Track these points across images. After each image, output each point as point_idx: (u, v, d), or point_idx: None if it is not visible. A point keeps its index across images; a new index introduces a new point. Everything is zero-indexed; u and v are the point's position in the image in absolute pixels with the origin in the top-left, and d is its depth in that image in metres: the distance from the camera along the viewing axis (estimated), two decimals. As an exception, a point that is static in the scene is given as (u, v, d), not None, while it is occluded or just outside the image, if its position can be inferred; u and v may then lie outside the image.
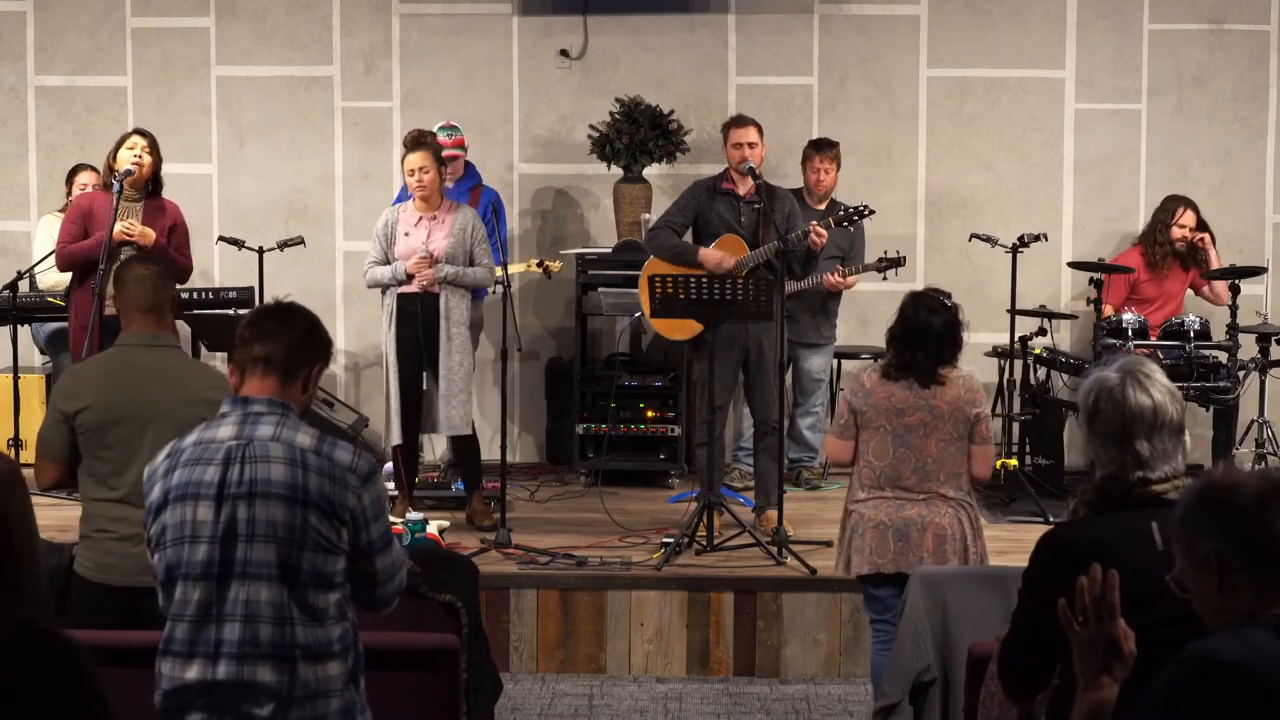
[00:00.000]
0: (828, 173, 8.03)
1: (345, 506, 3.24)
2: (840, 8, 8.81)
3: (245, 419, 3.29)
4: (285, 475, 3.22)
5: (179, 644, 3.23)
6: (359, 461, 3.29)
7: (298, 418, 3.33)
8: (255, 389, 3.33)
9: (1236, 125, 8.78)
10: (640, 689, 6.18)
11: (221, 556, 3.20)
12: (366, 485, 3.28)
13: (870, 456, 5.18)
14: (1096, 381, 3.23)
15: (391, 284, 6.96)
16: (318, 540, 3.21)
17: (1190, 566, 2.56)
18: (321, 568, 3.23)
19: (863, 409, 5.18)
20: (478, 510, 7.18)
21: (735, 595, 6.33)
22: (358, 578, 3.32)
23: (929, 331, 5.15)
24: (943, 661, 4.64)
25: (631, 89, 8.50)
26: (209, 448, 3.28)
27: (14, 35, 8.95)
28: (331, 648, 3.24)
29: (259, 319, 3.40)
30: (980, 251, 8.33)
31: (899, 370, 5.17)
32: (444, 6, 8.88)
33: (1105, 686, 2.64)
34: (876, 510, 5.16)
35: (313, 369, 3.39)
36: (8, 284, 7.47)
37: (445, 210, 6.99)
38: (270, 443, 3.25)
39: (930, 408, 5.12)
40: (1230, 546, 2.50)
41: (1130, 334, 7.46)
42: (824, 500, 7.92)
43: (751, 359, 7.06)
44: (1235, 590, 2.49)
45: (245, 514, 3.21)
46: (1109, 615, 2.65)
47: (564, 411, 8.57)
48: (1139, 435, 3.14)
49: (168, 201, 6.99)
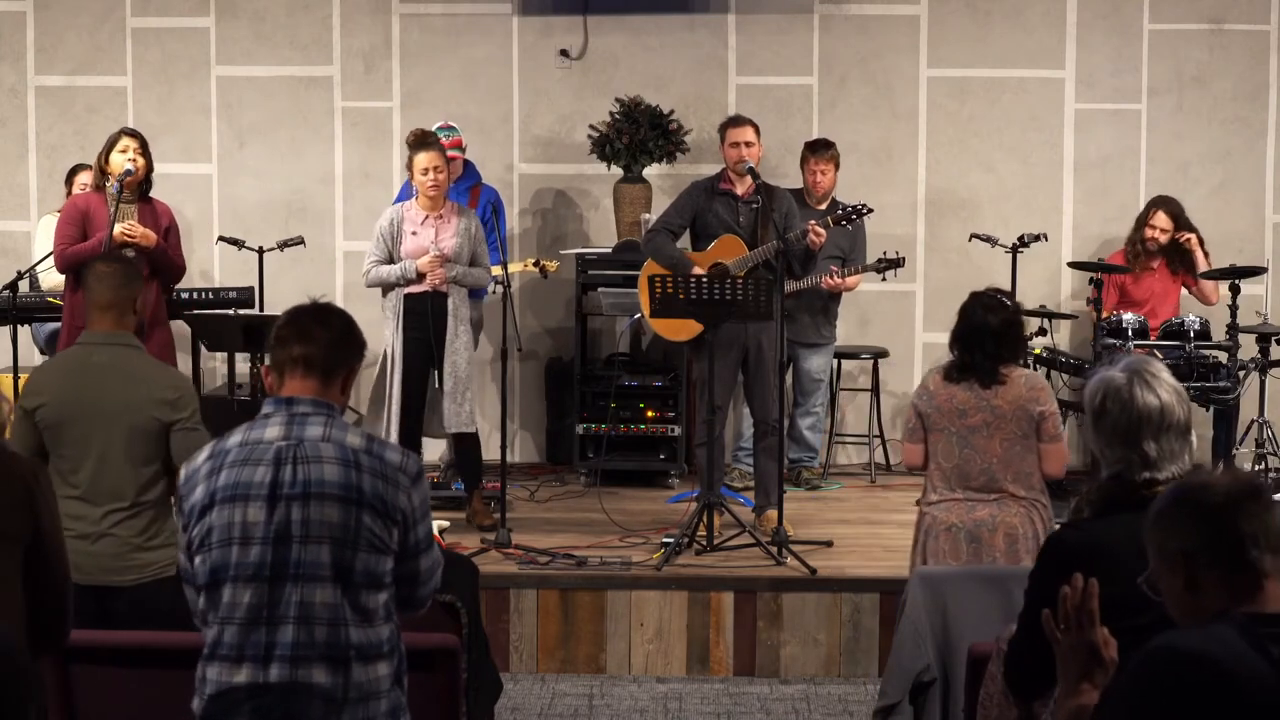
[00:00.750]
0: (825, 174, 8.02)
1: (397, 506, 3.24)
2: (840, 8, 8.81)
3: (292, 419, 3.28)
4: (339, 476, 3.21)
5: (227, 647, 3.19)
6: (408, 461, 3.30)
7: (343, 418, 3.33)
8: (297, 389, 3.31)
9: (1236, 125, 8.78)
10: (640, 689, 6.18)
11: (274, 558, 3.18)
12: (416, 485, 3.29)
13: (939, 458, 5.20)
14: (1103, 381, 3.22)
15: (399, 283, 6.95)
16: (371, 540, 3.21)
17: (1161, 566, 2.57)
18: (374, 568, 3.23)
19: (927, 411, 5.20)
20: (478, 510, 7.18)
21: (735, 595, 6.33)
22: (402, 577, 3.32)
23: (987, 331, 5.14)
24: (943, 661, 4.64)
25: (631, 89, 8.50)
26: (256, 448, 3.25)
27: (14, 35, 8.94)
28: (382, 648, 3.24)
29: (296, 319, 3.39)
30: (980, 251, 8.33)
31: (960, 371, 5.17)
32: (444, 6, 8.87)
33: (1085, 693, 2.66)
34: (948, 512, 5.17)
35: (351, 369, 3.39)
36: (8, 284, 7.47)
37: (450, 210, 7.00)
38: (321, 443, 3.24)
39: (992, 408, 5.12)
40: (1199, 546, 2.51)
41: (1130, 334, 7.46)
42: (824, 500, 7.93)
43: (751, 359, 7.06)
44: (1203, 589, 2.51)
45: (300, 515, 3.19)
46: (1089, 622, 2.67)
47: (564, 411, 8.57)
48: (1146, 436, 3.14)
49: (161, 203, 6.99)
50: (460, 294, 6.97)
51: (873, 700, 5.32)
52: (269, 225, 8.71)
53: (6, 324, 7.68)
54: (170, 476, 4.61)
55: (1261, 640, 2.44)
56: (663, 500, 7.81)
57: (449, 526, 6.67)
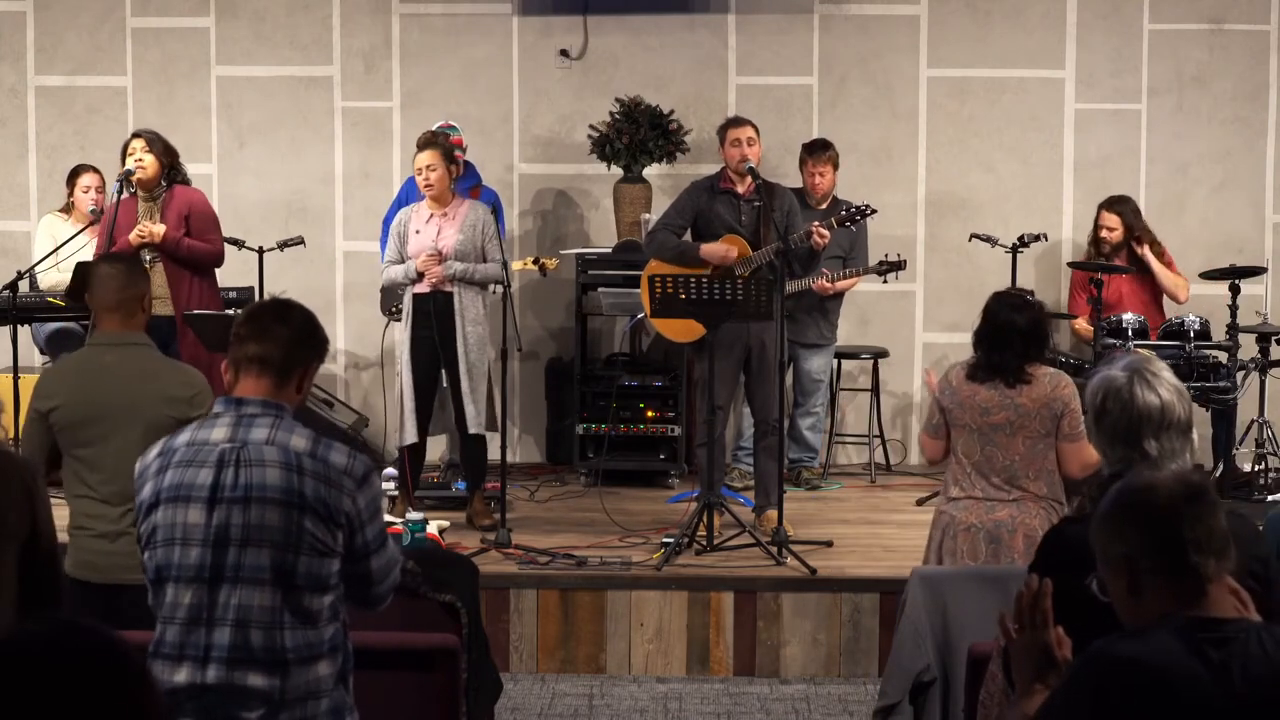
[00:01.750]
0: (824, 176, 8.01)
1: (341, 510, 3.22)
2: (840, 8, 8.81)
3: (239, 421, 3.27)
4: (280, 480, 3.20)
5: (169, 646, 3.22)
6: (354, 464, 3.27)
7: (292, 419, 3.31)
8: (249, 389, 3.30)
9: (1236, 125, 8.78)
10: (640, 689, 6.18)
11: (213, 560, 3.18)
12: (362, 487, 3.26)
13: (960, 454, 5.17)
14: (1104, 380, 3.22)
15: (405, 283, 6.97)
16: (313, 544, 3.20)
17: (1105, 568, 2.57)
18: (316, 571, 3.21)
19: (949, 407, 5.16)
20: (478, 510, 7.17)
21: (735, 595, 6.33)
22: (353, 578, 3.31)
23: (1014, 329, 5.10)
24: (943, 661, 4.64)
25: (631, 89, 8.50)
26: (202, 449, 3.26)
27: (14, 35, 8.95)
28: (322, 648, 3.23)
29: (255, 317, 3.37)
30: (980, 251, 8.33)
31: (985, 371, 5.13)
32: (444, 6, 8.88)
33: (1038, 694, 2.65)
34: (967, 512, 5.14)
35: (308, 368, 3.37)
36: (8, 284, 7.47)
37: (457, 207, 7.00)
38: (265, 446, 3.23)
39: (1015, 406, 5.09)
40: (1140, 550, 2.50)
41: (1130, 334, 7.46)
42: (824, 500, 7.93)
43: (753, 358, 7.05)
44: (1145, 593, 2.51)
45: (240, 519, 3.19)
46: (1042, 623, 2.67)
47: (564, 411, 8.57)
48: (1147, 435, 3.14)
49: (180, 190, 6.98)
50: (469, 292, 6.95)
51: (873, 700, 5.31)
52: (269, 225, 8.71)
53: (6, 324, 7.69)
54: None
55: (1200, 644, 2.44)
56: (663, 500, 7.81)
57: (449, 526, 6.67)
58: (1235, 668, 2.43)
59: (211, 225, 7.06)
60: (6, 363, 7.81)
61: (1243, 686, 2.42)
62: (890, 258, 7.66)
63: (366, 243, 8.53)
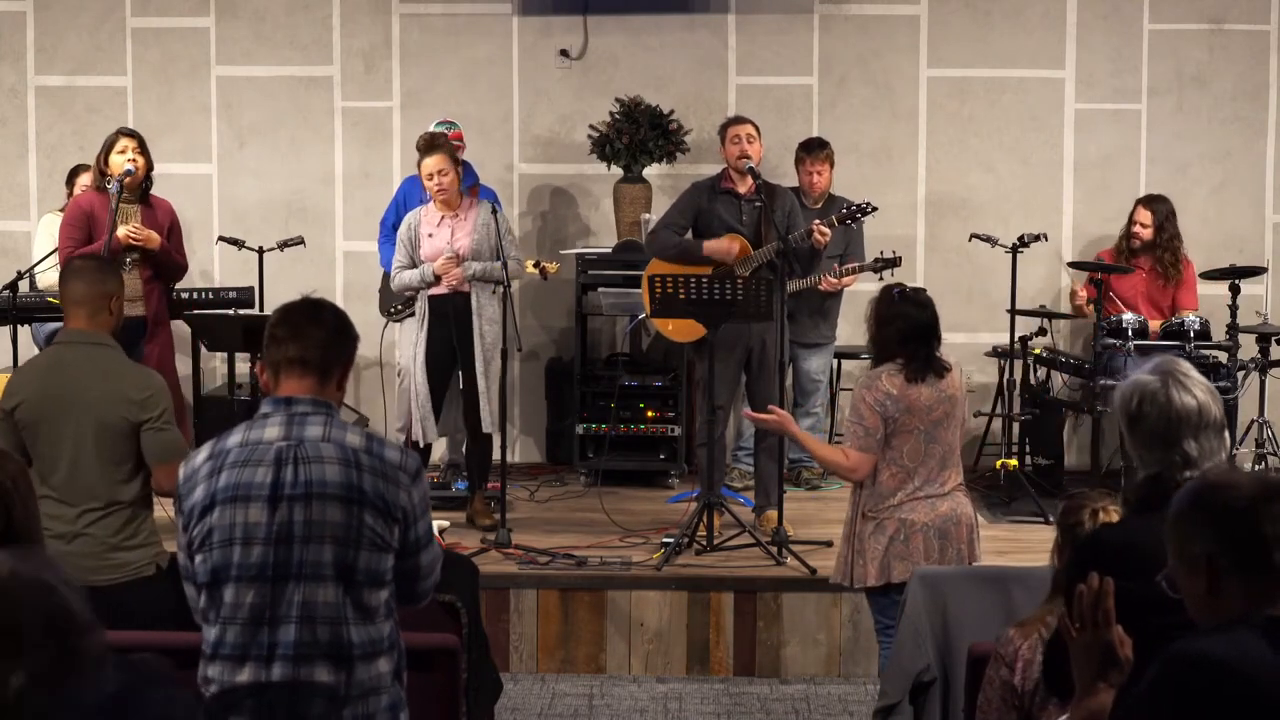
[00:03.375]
0: (820, 174, 8.01)
1: (398, 504, 3.26)
2: (840, 8, 8.81)
3: (291, 419, 3.29)
4: (340, 475, 3.23)
5: (230, 647, 3.21)
6: (408, 459, 3.32)
7: (339, 416, 3.34)
8: (294, 389, 3.32)
9: (1236, 125, 8.78)
10: (640, 689, 6.18)
11: (276, 558, 3.20)
12: (416, 482, 3.31)
13: (905, 460, 5.12)
14: (1136, 385, 3.23)
15: (421, 287, 6.95)
16: (373, 539, 3.23)
17: (1181, 567, 2.56)
18: (375, 566, 3.25)
19: (895, 415, 5.10)
20: (478, 510, 7.17)
21: (735, 595, 6.33)
22: (403, 573, 3.34)
23: (931, 325, 5.18)
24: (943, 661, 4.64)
25: (631, 89, 8.50)
26: (257, 449, 3.27)
27: (14, 35, 8.95)
28: (382, 645, 3.27)
29: (290, 318, 3.38)
30: (980, 251, 8.33)
31: (920, 370, 5.14)
32: (444, 6, 8.88)
33: (1100, 692, 2.65)
34: (915, 513, 5.12)
35: (346, 365, 3.40)
36: (8, 284, 7.47)
37: (466, 208, 7.00)
38: (322, 443, 3.26)
39: (949, 398, 5.14)
40: (1221, 548, 2.50)
41: (1130, 334, 7.46)
42: (824, 500, 7.92)
43: (754, 358, 7.05)
44: (1224, 592, 2.50)
45: (302, 515, 3.21)
46: (1104, 621, 2.66)
47: (564, 411, 8.57)
48: (1186, 435, 3.15)
49: (162, 201, 6.99)
50: (485, 292, 6.95)
51: (873, 700, 5.31)
52: (269, 225, 8.72)
53: (6, 324, 7.68)
54: (146, 476, 4.60)
55: None
56: (663, 500, 7.81)
57: (449, 526, 6.67)
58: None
59: (182, 239, 7.10)
60: (6, 363, 7.81)
61: None
62: (886, 254, 7.66)
63: (366, 243, 8.52)
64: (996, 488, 7.62)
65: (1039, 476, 7.72)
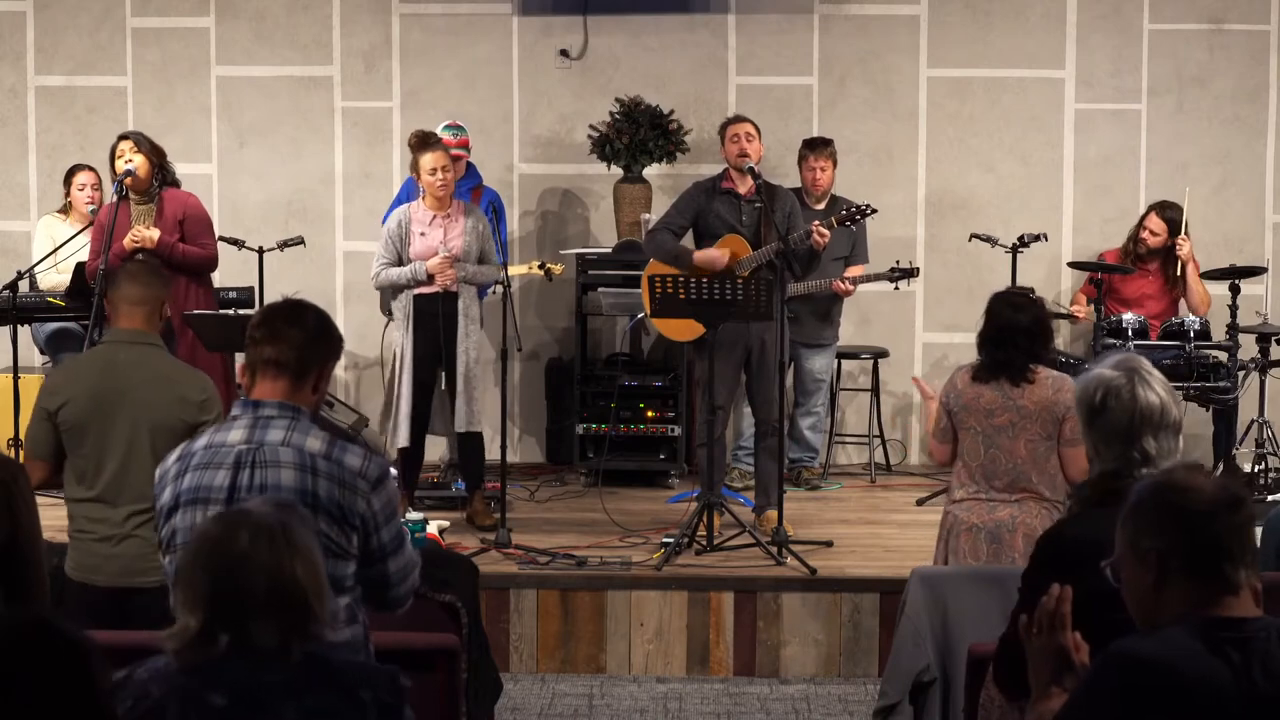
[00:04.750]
0: (824, 171, 8.01)
1: (355, 512, 3.24)
2: (840, 8, 8.81)
3: (256, 423, 3.29)
4: (295, 481, 3.22)
5: None
6: (369, 466, 3.28)
7: (309, 420, 3.32)
8: (266, 391, 3.32)
9: (1236, 125, 8.78)
10: (640, 689, 6.18)
11: None
12: (376, 490, 3.27)
13: (965, 456, 5.18)
14: (1100, 380, 3.22)
15: (409, 285, 6.94)
16: (327, 546, 3.19)
17: (1130, 559, 2.57)
18: (331, 572, 3.20)
19: (955, 409, 5.16)
20: (478, 510, 7.17)
21: (735, 595, 6.33)
22: (371, 581, 3.32)
23: (1017, 328, 5.11)
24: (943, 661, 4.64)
25: (631, 89, 8.50)
26: (219, 452, 3.27)
27: (14, 35, 8.95)
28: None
29: (269, 319, 3.38)
30: (980, 251, 8.33)
31: (990, 371, 5.13)
32: (444, 6, 8.87)
33: (1055, 696, 2.67)
34: (970, 513, 5.15)
35: (324, 368, 3.38)
36: (8, 284, 7.47)
37: (457, 210, 7.00)
38: (280, 448, 3.25)
39: (1018, 408, 5.09)
40: (1173, 547, 2.51)
41: (1130, 334, 7.46)
42: (824, 500, 7.93)
43: (754, 358, 7.05)
44: (1169, 590, 2.51)
45: None
46: (1060, 625, 2.68)
47: (564, 411, 8.57)
48: (1146, 433, 3.15)
49: (174, 194, 6.97)
50: (470, 293, 6.97)
51: (873, 700, 5.32)
52: (269, 225, 8.71)
53: (6, 324, 7.69)
54: None
55: (1221, 644, 2.44)
56: (663, 500, 7.81)
57: (449, 526, 6.66)
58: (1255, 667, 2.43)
59: (206, 229, 7.05)
60: (6, 363, 7.81)
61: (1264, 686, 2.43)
62: (903, 264, 7.68)
63: (366, 243, 8.51)
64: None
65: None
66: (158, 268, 4.98)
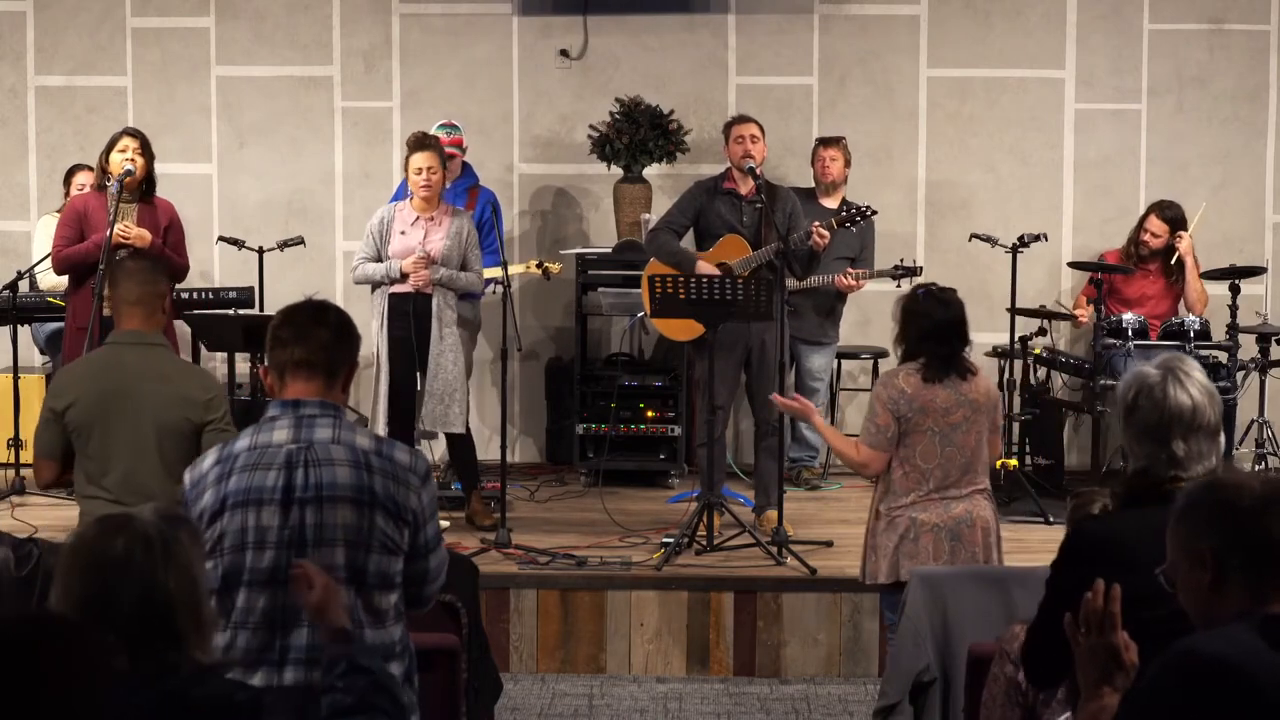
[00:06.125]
0: (834, 160, 8.06)
1: (408, 507, 3.26)
2: (840, 8, 8.81)
3: (299, 422, 3.27)
4: (351, 478, 3.22)
5: (241, 652, 3.19)
6: (417, 461, 3.32)
7: (346, 418, 3.33)
8: (301, 391, 3.30)
9: (1236, 125, 8.78)
10: (640, 689, 6.18)
11: (289, 562, 3.16)
12: (425, 484, 3.31)
13: (917, 460, 5.12)
14: (1137, 377, 3.22)
15: (383, 282, 6.92)
16: (383, 541, 3.22)
17: (1184, 561, 2.57)
18: (385, 569, 3.24)
19: (909, 414, 5.09)
20: (478, 510, 7.17)
21: (735, 595, 6.33)
22: (412, 576, 3.33)
23: (954, 323, 5.13)
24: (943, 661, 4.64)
25: (631, 89, 8.50)
26: (266, 452, 3.25)
27: (14, 35, 8.95)
28: (394, 648, 3.26)
29: (294, 320, 3.36)
30: (980, 251, 8.33)
31: (939, 370, 5.11)
32: (444, 6, 8.87)
33: (1105, 696, 2.66)
34: (926, 513, 5.12)
35: (351, 366, 3.39)
36: (8, 284, 7.48)
37: (443, 212, 6.98)
38: (332, 445, 3.25)
39: (970, 402, 5.11)
40: (1228, 544, 2.52)
41: (1130, 334, 7.46)
42: (824, 500, 7.93)
43: (754, 358, 7.06)
44: (1227, 589, 2.52)
45: (314, 518, 3.20)
46: (1110, 626, 2.67)
47: (564, 411, 8.57)
48: (1175, 435, 3.13)
49: (162, 201, 6.98)
50: (446, 296, 6.91)
51: (873, 700, 5.32)
52: (269, 225, 8.72)
53: (6, 324, 7.70)
54: None
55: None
56: (663, 500, 7.81)
57: (449, 526, 6.67)
58: None
59: (183, 239, 7.07)
60: (6, 363, 7.82)
61: None
62: (906, 263, 7.69)
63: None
64: (996, 488, 7.57)
65: (1039, 476, 7.71)
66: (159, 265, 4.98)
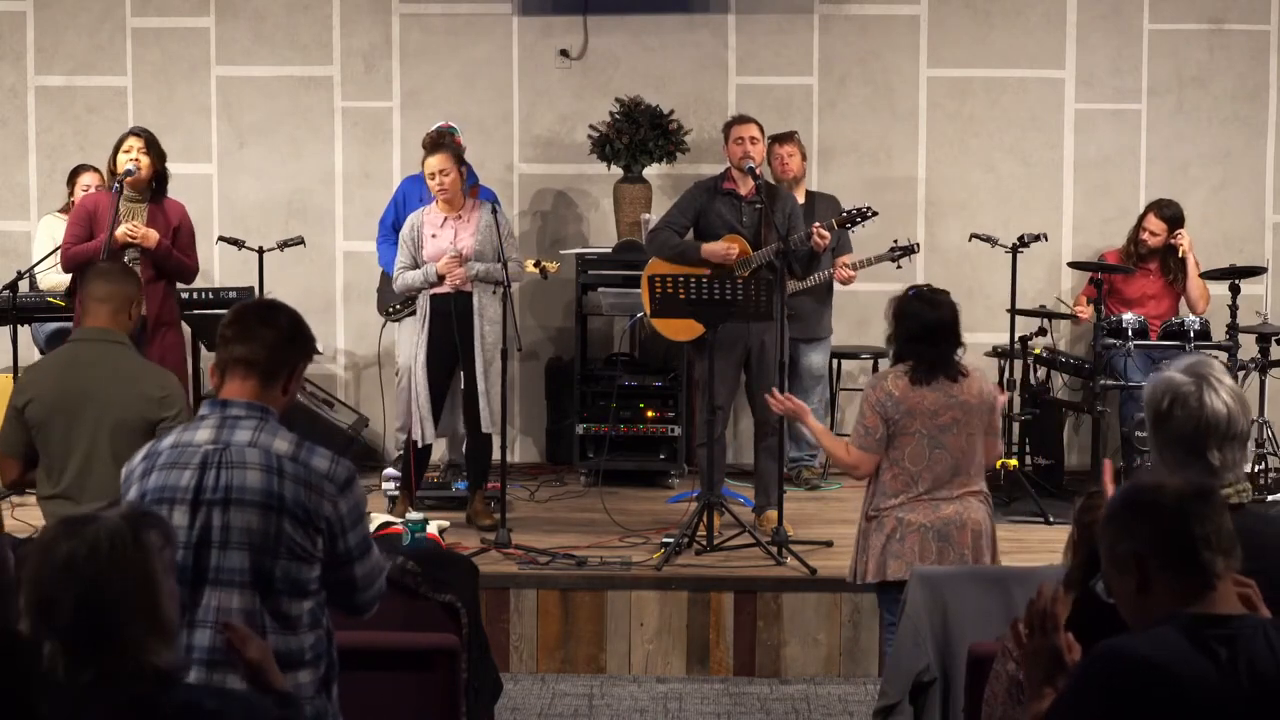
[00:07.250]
0: (791, 155, 8.04)
1: (320, 514, 3.22)
2: (840, 8, 8.81)
3: (223, 423, 3.27)
4: (260, 482, 3.20)
5: None
6: (336, 469, 3.26)
7: (277, 421, 3.30)
8: (235, 391, 3.31)
9: (1236, 125, 8.78)
10: (640, 689, 6.18)
11: (195, 562, 3.17)
12: (344, 493, 3.25)
13: (906, 462, 5.11)
14: (1168, 384, 3.15)
15: (424, 287, 6.94)
16: (292, 548, 3.19)
17: (1113, 568, 2.59)
18: (295, 575, 3.21)
19: (896, 416, 5.08)
20: (478, 510, 7.17)
21: (735, 595, 6.33)
22: (336, 585, 3.30)
23: (944, 325, 5.11)
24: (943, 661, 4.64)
25: (631, 89, 8.50)
26: (185, 451, 3.26)
27: (14, 35, 8.95)
28: (303, 656, 3.22)
29: (240, 318, 3.36)
30: (980, 251, 8.33)
31: (928, 372, 5.10)
32: (444, 6, 8.88)
33: (1048, 697, 2.68)
34: (913, 513, 5.10)
35: (295, 369, 3.36)
36: (8, 284, 7.47)
37: (469, 209, 6.99)
38: (247, 448, 3.23)
39: (961, 404, 5.09)
40: (1150, 547, 2.53)
41: (1130, 334, 7.46)
42: (824, 500, 7.93)
43: (754, 358, 7.06)
44: (1154, 591, 2.53)
45: (220, 520, 3.18)
46: (1052, 627, 2.69)
47: (564, 411, 8.57)
48: (1211, 445, 3.09)
49: (172, 202, 6.97)
50: (486, 292, 6.92)
51: (873, 700, 5.31)
52: (269, 225, 8.72)
53: (6, 324, 7.69)
54: None
55: (1207, 641, 2.46)
56: (663, 500, 7.81)
57: (449, 526, 6.67)
58: (1242, 664, 2.44)
59: (193, 241, 7.05)
60: (6, 363, 7.82)
61: (1249, 683, 2.44)
62: (902, 242, 7.67)
63: (366, 243, 8.51)
64: (996, 488, 7.58)
65: (1039, 476, 7.72)
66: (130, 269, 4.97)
